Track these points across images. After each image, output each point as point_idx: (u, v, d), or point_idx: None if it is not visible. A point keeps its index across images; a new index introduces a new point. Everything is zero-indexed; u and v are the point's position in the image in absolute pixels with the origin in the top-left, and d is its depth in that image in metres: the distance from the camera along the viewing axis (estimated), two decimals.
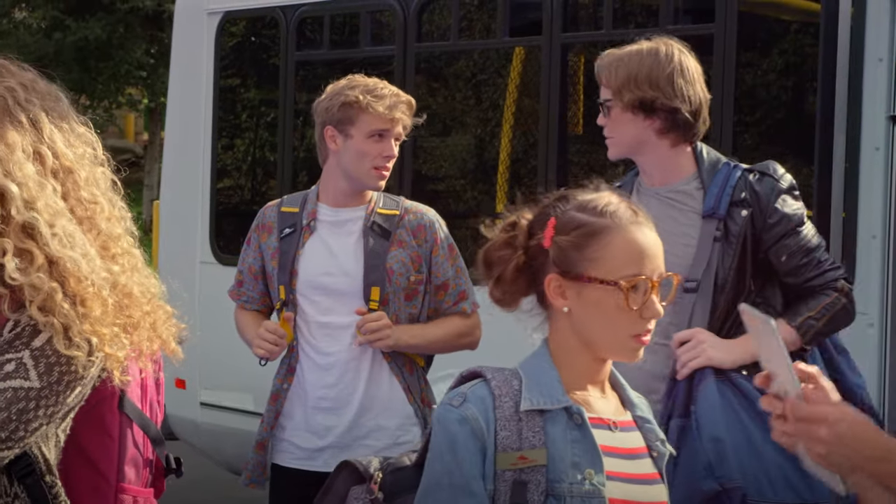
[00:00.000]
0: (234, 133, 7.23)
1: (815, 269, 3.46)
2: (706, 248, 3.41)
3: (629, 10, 5.82)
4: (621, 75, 3.46)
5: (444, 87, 6.40)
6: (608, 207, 2.25)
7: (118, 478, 2.21)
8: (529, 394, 2.20)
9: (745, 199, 3.44)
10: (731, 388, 3.34)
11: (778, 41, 5.34)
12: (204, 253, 6.83)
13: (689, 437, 3.29)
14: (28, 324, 2.04)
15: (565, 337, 2.26)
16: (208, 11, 6.90)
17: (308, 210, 3.94)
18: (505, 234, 2.29)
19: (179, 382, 6.88)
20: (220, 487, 7.65)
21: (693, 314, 3.39)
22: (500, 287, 2.28)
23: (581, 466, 2.18)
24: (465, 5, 6.19)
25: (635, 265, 2.22)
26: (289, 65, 6.59)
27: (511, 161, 5.99)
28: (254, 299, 4.04)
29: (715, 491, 3.22)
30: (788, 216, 3.45)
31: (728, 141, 5.06)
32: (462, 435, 2.17)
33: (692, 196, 3.50)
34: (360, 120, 3.84)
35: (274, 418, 3.95)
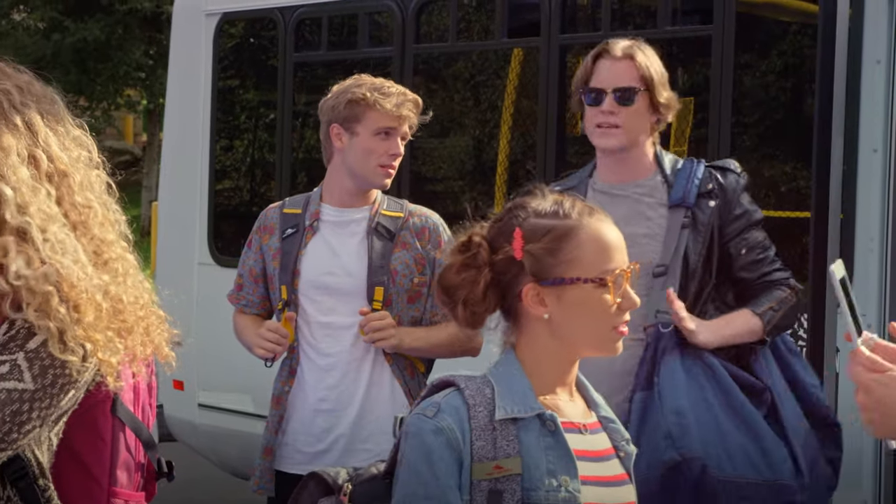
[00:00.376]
0: (233, 134, 7.23)
1: (770, 265, 3.57)
2: (674, 234, 3.49)
3: (627, 12, 5.83)
4: (658, 70, 3.54)
5: (442, 89, 6.41)
6: (568, 209, 2.26)
7: (110, 482, 2.21)
8: (503, 402, 2.20)
9: (712, 190, 3.53)
10: (700, 365, 3.40)
11: (776, 42, 5.35)
12: (202, 254, 6.82)
13: (652, 410, 3.36)
14: (23, 326, 2.03)
15: (540, 343, 2.25)
16: (206, 12, 6.90)
17: (311, 211, 3.93)
18: (461, 255, 2.26)
19: (177, 384, 6.88)
20: (218, 488, 7.65)
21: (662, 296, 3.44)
22: (469, 308, 2.25)
23: (556, 473, 2.18)
24: (463, 6, 6.19)
25: (609, 259, 2.24)
26: (287, 66, 6.59)
27: (509, 162, 6.00)
28: (253, 303, 4.02)
29: (675, 461, 3.27)
30: (750, 211, 3.57)
31: (726, 142, 5.06)
32: (438, 446, 2.16)
33: (658, 189, 3.58)
34: (366, 117, 3.83)
35: (278, 422, 3.93)
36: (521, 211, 2.27)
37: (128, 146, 26.48)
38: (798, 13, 5.22)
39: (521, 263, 2.22)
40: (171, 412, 6.99)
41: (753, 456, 3.35)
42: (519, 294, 2.23)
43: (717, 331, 3.44)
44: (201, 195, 6.91)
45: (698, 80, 5.47)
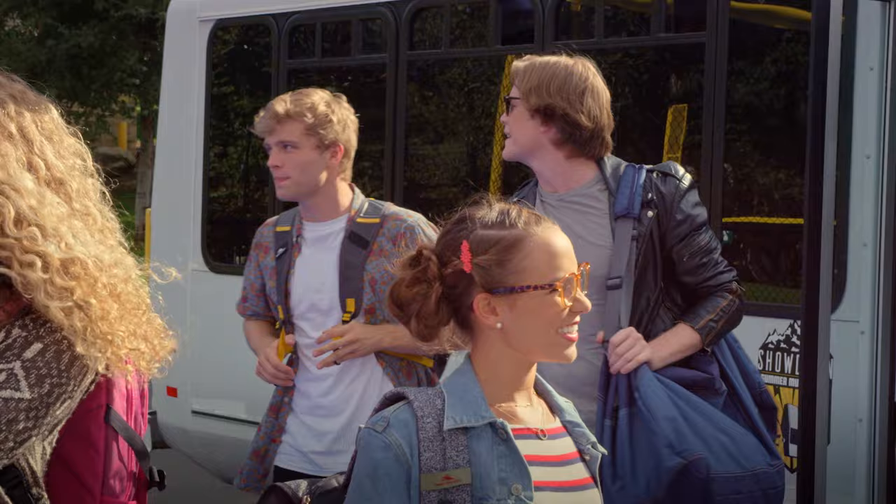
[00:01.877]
0: (227, 141, 7.23)
1: (712, 269, 3.59)
2: (625, 246, 3.52)
3: (620, 19, 5.83)
4: (533, 79, 3.56)
5: (436, 95, 6.41)
6: (514, 218, 2.27)
7: (103, 491, 2.20)
8: (452, 412, 2.20)
9: (651, 199, 3.55)
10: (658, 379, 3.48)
11: (769, 49, 5.35)
12: (196, 261, 6.82)
13: (641, 422, 3.40)
14: (19, 336, 2.04)
15: (495, 351, 2.26)
16: (200, 19, 6.90)
17: (295, 227, 3.99)
18: (411, 269, 2.27)
19: (171, 390, 6.87)
20: (211, 496, 7.63)
21: (620, 310, 3.49)
22: (422, 322, 2.26)
23: (508, 481, 2.18)
24: (457, 13, 6.20)
25: (558, 267, 2.25)
26: (281, 72, 6.59)
27: (503, 169, 6.00)
28: (259, 313, 4.11)
29: (680, 465, 3.29)
30: (692, 217, 3.58)
31: (719, 149, 5.07)
32: (384, 462, 2.17)
33: (597, 198, 3.59)
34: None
35: (275, 431, 3.98)
36: (468, 223, 2.28)
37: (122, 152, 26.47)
38: (791, 20, 5.22)
39: (470, 275, 2.23)
40: (164, 419, 6.99)
41: (732, 451, 3.40)
42: (471, 305, 2.24)
43: (658, 353, 3.50)
44: (195, 201, 6.91)
45: (692, 87, 5.48)
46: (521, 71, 3.60)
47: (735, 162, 5.16)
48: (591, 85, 3.57)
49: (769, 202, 5.28)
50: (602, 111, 3.58)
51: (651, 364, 3.47)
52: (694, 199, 3.61)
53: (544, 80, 3.55)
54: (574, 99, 3.54)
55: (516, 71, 3.61)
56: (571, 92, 3.54)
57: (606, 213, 3.57)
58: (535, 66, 3.58)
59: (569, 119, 3.54)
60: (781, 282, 5.06)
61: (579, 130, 3.55)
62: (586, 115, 3.55)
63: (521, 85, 3.58)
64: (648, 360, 3.46)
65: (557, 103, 3.53)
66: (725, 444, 3.40)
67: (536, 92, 3.55)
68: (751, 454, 3.44)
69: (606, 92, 3.62)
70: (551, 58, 3.60)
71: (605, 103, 3.60)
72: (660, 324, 3.56)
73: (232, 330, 4.14)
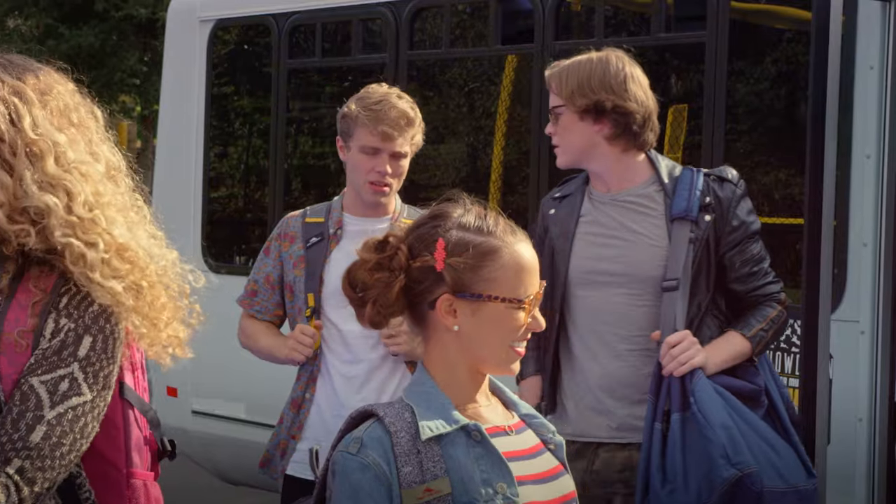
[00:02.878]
0: (227, 141, 7.23)
1: (762, 279, 3.58)
2: (682, 248, 3.49)
3: (621, 18, 5.83)
4: (573, 81, 3.53)
5: (436, 95, 6.41)
6: (492, 226, 2.26)
7: (127, 464, 2.24)
8: (425, 422, 2.18)
9: (709, 203, 3.52)
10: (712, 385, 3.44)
11: (769, 49, 5.35)
12: (196, 261, 6.82)
13: (695, 428, 3.37)
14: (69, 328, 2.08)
15: (451, 355, 2.24)
16: (201, 19, 6.90)
17: (334, 219, 3.94)
18: (375, 254, 2.25)
19: (171, 391, 6.87)
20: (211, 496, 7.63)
21: (677, 312, 3.46)
22: (377, 309, 2.23)
23: (491, 481, 2.17)
24: (457, 13, 6.20)
25: (526, 283, 2.24)
26: (281, 72, 6.59)
27: (504, 169, 6.00)
28: (267, 310, 4.02)
29: (735, 477, 3.28)
30: (747, 224, 3.57)
31: (720, 148, 5.07)
32: (366, 483, 2.14)
33: (653, 199, 3.57)
34: (355, 133, 3.85)
35: (294, 427, 3.93)
36: (445, 221, 2.26)
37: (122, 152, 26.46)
38: (791, 20, 5.22)
39: (439, 274, 2.21)
40: (164, 419, 6.94)
41: (776, 464, 3.39)
42: (432, 303, 2.22)
43: (713, 359, 3.47)
44: (195, 201, 6.90)
45: (692, 87, 5.48)
46: (557, 76, 3.55)
47: (735, 162, 5.16)
48: (630, 72, 3.53)
49: (769, 202, 5.28)
50: (647, 95, 3.55)
51: (705, 369, 3.43)
52: (748, 207, 3.59)
53: (584, 79, 3.51)
54: (619, 89, 3.50)
55: (551, 78, 3.57)
56: (614, 82, 3.50)
57: (662, 214, 3.53)
58: (571, 68, 3.55)
59: (619, 110, 3.50)
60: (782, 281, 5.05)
61: (632, 118, 3.52)
62: (634, 101, 3.51)
63: (562, 90, 3.53)
64: (703, 365, 3.42)
65: (605, 97, 3.50)
66: (771, 458, 3.39)
67: (580, 92, 3.50)
68: (793, 470, 3.43)
69: (645, 77, 3.59)
70: (581, 56, 3.57)
71: (647, 87, 3.57)
72: (706, 331, 3.52)
73: (232, 330, 4.12)
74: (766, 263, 3.60)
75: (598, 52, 3.56)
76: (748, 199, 3.61)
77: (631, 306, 3.52)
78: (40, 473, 2.03)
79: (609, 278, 3.54)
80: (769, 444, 3.42)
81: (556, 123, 3.57)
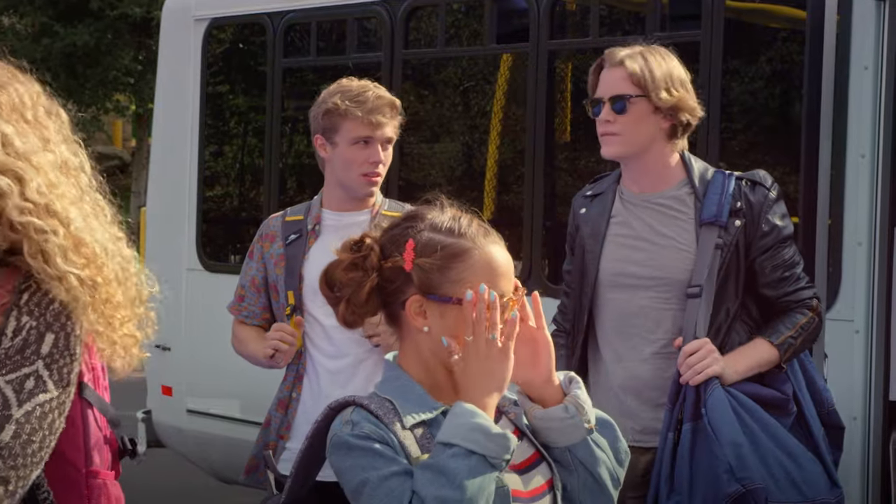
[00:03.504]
0: (221, 140, 7.22)
1: (793, 284, 3.51)
2: (707, 254, 3.44)
3: (616, 18, 5.83)
4: (657, 72, 3.47)
5: (431, 94, 6.40)
6: (464, 228, 2.25)
7: (87, 463, 2.24)
8: (406, 411, 2.19)
9: (740, 208, 3.47)
10: (729, 396, 3.38)
11: (764, 48, 5.35)
12: (191, 260, 6.81)
13: (704, 440, 3.33)
14: (31, 326, 2.08)
15: (420, 353, 2.25)
16: (195, 17, 6.90)
17: (312, 215, 3.93)
18: (350, 254, 2.26)
19: (166, 389, 6.86)
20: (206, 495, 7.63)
21: (698, 319, 3.41)
22: (350, 308, 2.25)
23: None
24: (452, 12, 6.19)
25: (498, 285, 2.22)
26: (276, 71, 6.59)
27: (498, 168, 6.00)
28: (255, 314, 4.00)
29: (739, 493, 3.25)
30: (779, 228, 3.50)
31: (715, 148, 5.07)
32: (367, 442, 2.14)
33: (684, 202, 3.52)
34: (342, 127, 3.82)
35: (283, 427, 3.91)
36: (418, 222, 2.26)
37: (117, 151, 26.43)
38: (786, 19, 5.22)
39: (409, 275, 2.21)
40: (159, 418, 6.98)
41: (796, 478, 3.34)
42: (403, 303, 2.23)
43: (734, 367, 3.41)
44: (190, 200, 6.90)
45: None
46: (640, 65, 3.47)
47: (730, 161, 5.16)
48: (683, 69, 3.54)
49: None
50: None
51: (724, 378, 3.37)
52: (781, 211, 3.52)
53: (666, 73, 3.47)
54: (690, 87, 3.51)
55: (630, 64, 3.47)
56: (685, 81, 3.51)
57: (692, 217, 3.49)
58: (652, 59, 3.49)
59: (688, 108, 3.49)
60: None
61: (693, 116, 3.51)
62: (699, 102, 3.53)
63: (644, 79, 3.44)
64: (719, 374, 3.36)
65: (683, 95, 3.47)
66: (790, 470, 3.33)
67: (665, 86, 3.45)
68: (815, 482, 3.37)
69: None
70: (652, 48, 3.53)
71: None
72: (735, 337, 3.47)
73: (227, 329, 4.11)
74: (799, 269, 3.52)
75: (654, 46, 3.53)
76: (782, 203, 3.54)
77: (658, 309, 3.48)
78: (13, 472, 2.03)
79: (637, 281, 3.51)
80: (791, 456, 3.36)
81: (623, 112, 3.48)
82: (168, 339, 6.79)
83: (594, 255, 3.57)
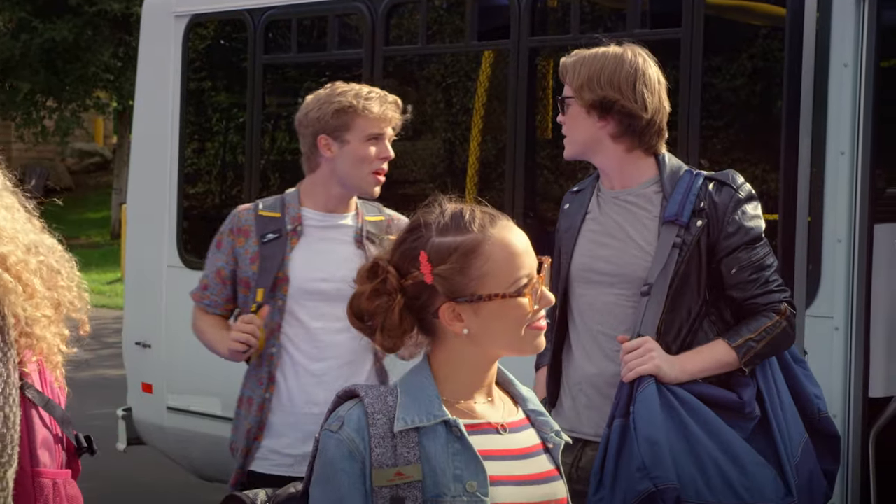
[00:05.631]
0: (202, 136, 7.20)
1: (761, 287, 3.44)
2: (664, 252, 3.42)
3: (596, 15, 5.84)
4: (584, 74, 3.47)
5: (412, 91, 6.40)
6: (468, 221, 2.23)
7: (32, 463, 2.22)
8: (404, 413, 2.19)
9: (703, 208, 3.43)
10: (671, 393, 3.36)
11: (744, 46, 5.37)
12: (171, 256, 6.80)
13: (628, 438, 3.32)
14: None
15: (457, 352, 2.24)
16: (176, 14, 6.88)
17: (292, 214, 3.90)
18: (369, 282, 2.24)
19: (146, 387, 6.85)
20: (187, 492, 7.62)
21: (644, 317, 3.40)
22: (386, 333, 2.23)
23: (463, 478, 2.17)
24: (433, 9, 6.19)
25: (520, 266, 2.22)
26: (256, 68, 6.57)
27: (480, 165, 6.00)
28: (217, 304, 3.99)
29: (649, 491, 3.24)
30: (746, 229, 3.44)
31: (695, 145, 5.08)
32: (340, 458, 2.16)
33: (651, 200, 3.50)
34: (355, 125, 3.84)
35: (258, 428, 3.89)
36: (422, 230, 2.24)
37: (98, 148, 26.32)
38: (766, 16, 5.24)
39: (431, 286, 2.20)
40: (139, 415, 6.96)
41: (733, 481, 3.28)
42: (436, 312, 2.21)
43: (683, 366, 3.38)
44: (170, 197, 6.88)
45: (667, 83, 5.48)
46: (571, 67, 3.51)
47: (710, 158, 5.17)
48: (643, 72, 3.46)
49: None
50: (655, 97, 3.48)
51: (663, 377, 3.33)
52: (750, 211, 3.46)
53: (594, 73, 3.45)
54: (626, 88, 3.44)
55: (565, 68, 3.52)
56: (623, 81, 3.44)
57: (657, 216, 3.47)
58: (585, 61, 3.49)
59: (624, 110, 3.44)
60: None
61: (636, 120, 3.46)
62: (640, 103, 3.44)
63: (573, 81, 3.48)
64: (654, 372, 3.33)
65: (611, 95, 3.44)
66: (727, 472, 3.28)
67: (589, 86, 3.45)
68: (760, 487, 3.31)
69: (661, 77, 3.53)
70: (599, 49, 3.51)
71: (658, 89, 3.50)
72: (702, 337, 3.43)
73: None
74: (770, 271, 3.46)
75: (616, 48, 3.50)
76: (753, 203, 3.48)
77: (621, 307, 3.47)
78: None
79: (602, 277, 3.50)
80: (733, 458, 3.31)
81: (565, 114, 3.54)
82: (148, 336, 6.78)
83: (568, 251, 3.59)
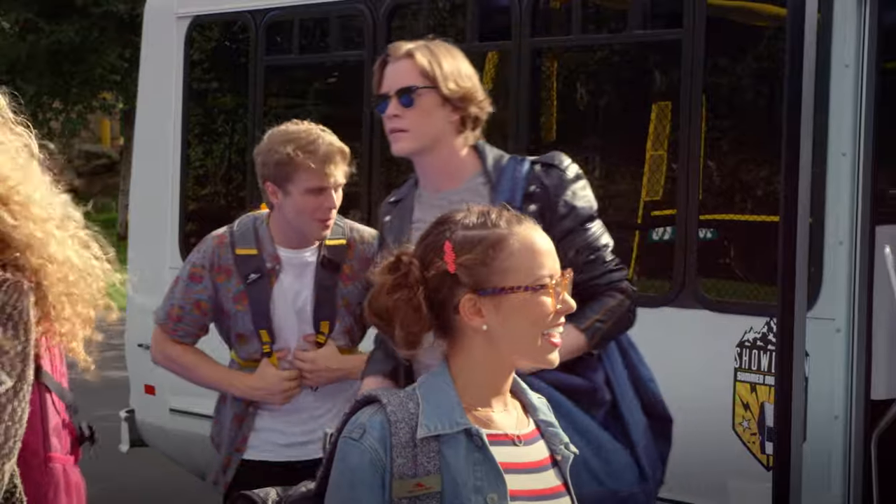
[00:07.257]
0: (205, 137, 7.20)
1: (600, 267, 3.34)
2: None
3: (598, 15, 5.83)
4: (446, 64, 3.34)
5: None
6: (496, 219, 2.24)
7: (45, 447, 2.23)
8: (427, 419, 2.17)
9: (534, 192, 3.33)
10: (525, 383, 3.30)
11: (745, 46, 5.35)
12: (173, 258, 6.79)
13: None
14: None
15: (475, 355, 2.22)
16: (178, 15, 6.88)
17: (268, 252, 3.85)
18: (391, 275, 2.23)
19: (149, 388, 6.85)
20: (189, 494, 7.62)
21: None
22: (406, 329, 2.22)
23: (483, 490, 2.15)
24: (434, 10, 6.19)
25: (542, 265, 2.22)
26: (258, 69, 6.57)
27: None
28: (191, 333, 3.96)
29: None
30: (577, 210, 3.33)
31: (696, 146, 5.06)
32: (360, 468, 2.15)
33: (479, 193, 3.35)
34: (296, 177, 3.74)
35: (238, 440, 3.92)
36: (449, 225, 2.25)
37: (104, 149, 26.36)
38: (767, 17, 5.22)
39: (454, 277, 2.19)
40: (142, 417, 6.96)
41: (595, 468, 3.23)
42: (455, 307, 2.20)
43: None
44: (173, 198, 6.89)
45: (668, 85, 5.47)
46: (427, 54, 3.34)
47: (713, 159, 5.16)
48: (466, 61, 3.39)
49: (747, 199, 5.28)
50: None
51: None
52: (580, 192, 3.35)
53: (452, 66, 3.34)
54: (475, 80, 3.37)
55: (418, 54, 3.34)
56: (472, 73, 3.37)
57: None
58: (437, 52, 3.36)
59: (474, 100, 3.35)
60: (758, 279, 5.06)
61: (481, 109, 3.37)
62: (482, 91, 3.38)
63: (432, 71, 3.31)
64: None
65: (469, 86, 3.34)
66: (588, 460, 3.19)
67: (453, 77, 3.32)
68: (620, 473, 3.26)
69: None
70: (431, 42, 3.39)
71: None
72: None
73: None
74: (607, 251, 3.36)
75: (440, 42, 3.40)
76: (581, 182, 3.36)
77: None
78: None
79: None
80: (592, 445, 3.23)
81: (410, 106, 3.34)
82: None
83: None
